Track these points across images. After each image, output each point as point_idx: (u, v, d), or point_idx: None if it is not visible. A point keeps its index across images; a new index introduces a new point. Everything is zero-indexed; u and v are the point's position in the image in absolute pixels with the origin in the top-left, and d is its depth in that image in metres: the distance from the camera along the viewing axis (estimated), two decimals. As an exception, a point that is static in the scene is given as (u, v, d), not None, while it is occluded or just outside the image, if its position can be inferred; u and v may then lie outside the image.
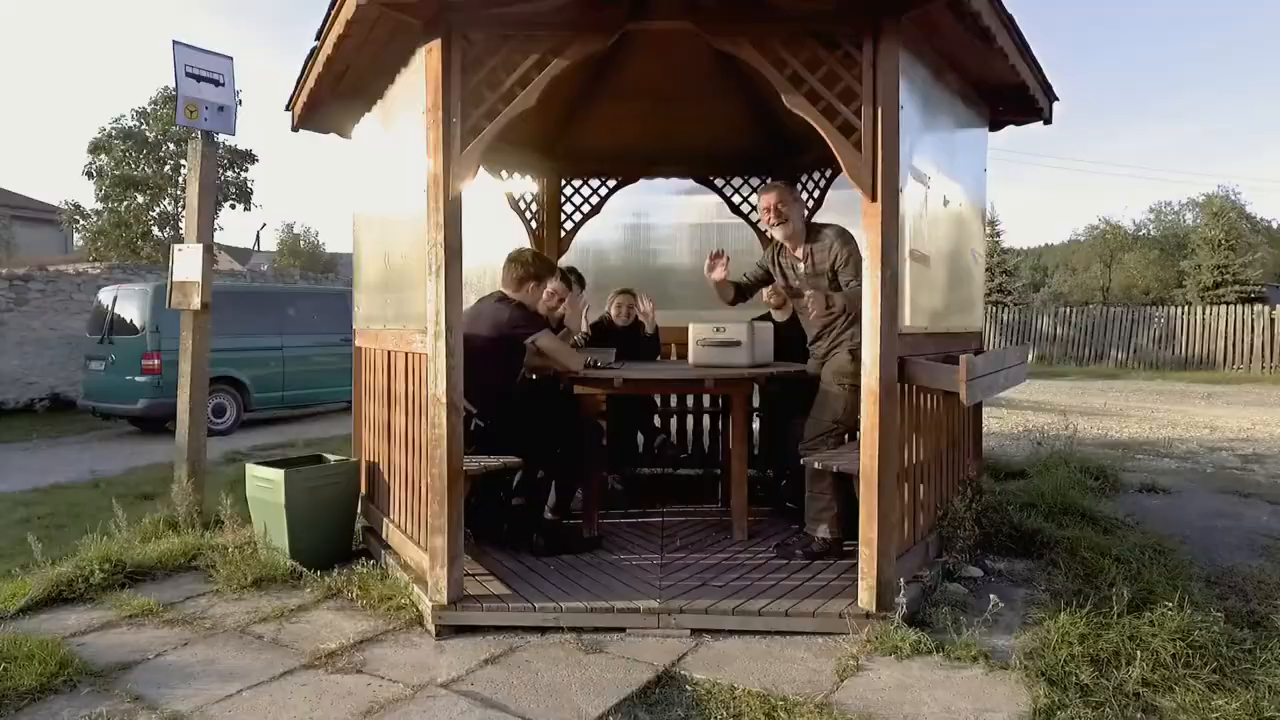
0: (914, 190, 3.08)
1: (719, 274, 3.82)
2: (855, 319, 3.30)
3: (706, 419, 5.06)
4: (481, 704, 2.43)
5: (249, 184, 17.54)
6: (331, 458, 4.11)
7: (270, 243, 29.61)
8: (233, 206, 17.00)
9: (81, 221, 16.19)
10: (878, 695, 2.44)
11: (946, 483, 3.66)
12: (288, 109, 4.16)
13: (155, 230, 15.73)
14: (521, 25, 2.82)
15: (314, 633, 2.99)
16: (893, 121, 2.79)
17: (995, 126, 4.37)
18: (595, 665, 2.66)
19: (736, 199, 5.33)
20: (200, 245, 4.66)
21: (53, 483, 6.98)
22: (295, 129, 4.29)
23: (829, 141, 2.85)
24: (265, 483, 3.62)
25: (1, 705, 2.48)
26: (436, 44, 2.79)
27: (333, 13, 2.99)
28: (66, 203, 16.50)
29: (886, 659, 2.66)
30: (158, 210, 15.91)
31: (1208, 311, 17.15)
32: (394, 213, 3.54)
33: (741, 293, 3.98)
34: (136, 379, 9.55)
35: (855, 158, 2.83)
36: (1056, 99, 4.07)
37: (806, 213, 4.73)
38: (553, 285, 3.96)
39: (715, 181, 5.34)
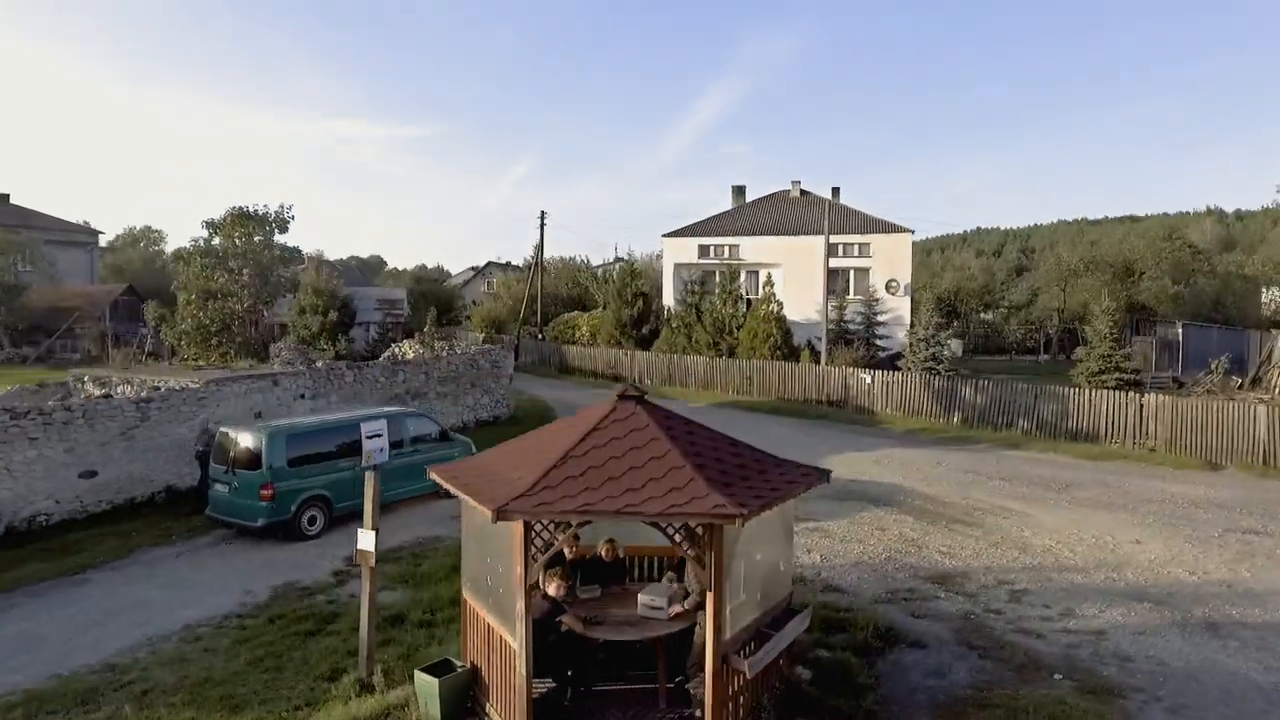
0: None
1: (675, 609, 7.31)
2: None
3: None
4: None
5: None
6: (457, 664, 7.67)
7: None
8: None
9: (169, 326, 19.50)
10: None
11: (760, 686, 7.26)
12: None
13: (232, 328, 19.24)
14: (553, 516, 6.37)
15: None
16: (720, 558, 6.35)
17: (809, 467, 7.91)
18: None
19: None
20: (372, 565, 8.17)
21: (227, 612, 10.54)
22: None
23: (693, 567, 6.42)
24: (427, 683, 7.22)
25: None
26: (520, 523, 6.35)
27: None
28: (154, 311, 19.77)
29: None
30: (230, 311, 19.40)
31: (1093, 394, 20.83)
32: (498, 550, 7.06)
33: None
34: (257, 504, 13.14)
35: (702, 574, 6.40)
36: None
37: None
38: (556, 583, 7.50)
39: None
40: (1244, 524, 13.71)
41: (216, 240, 19.96)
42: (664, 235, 39.28)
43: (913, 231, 35.80)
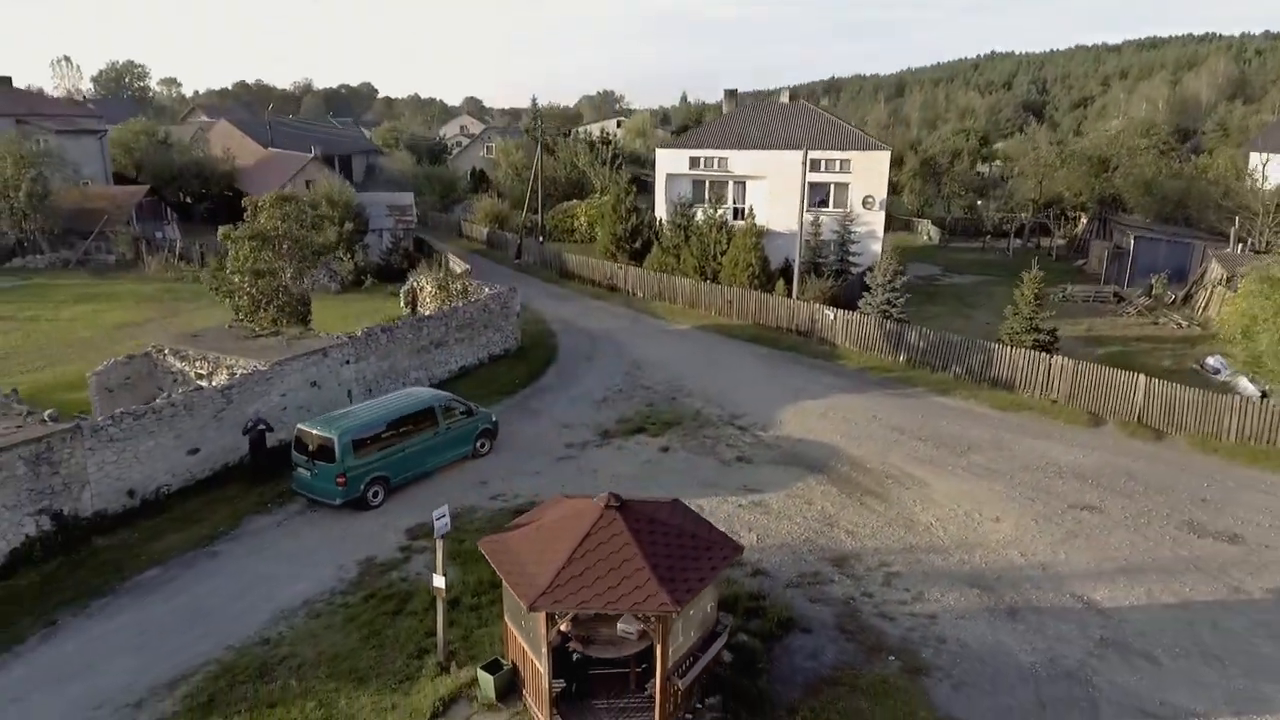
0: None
1: (639, 633, 11.50)
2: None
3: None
4: (561, 763, 10.53)
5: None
6: (504, 662, 11.95)
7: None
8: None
9: (231, 295, 22.69)
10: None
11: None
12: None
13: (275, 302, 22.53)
14: (562, 609, 10.37)
15: None
16: (666, 628, 10.42)
17: (732, 535, 11.89)
18: (587, 748, 10.74)
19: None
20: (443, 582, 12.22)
21: (332, 588, 14.84)
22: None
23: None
24: (485, 677, 11.55)
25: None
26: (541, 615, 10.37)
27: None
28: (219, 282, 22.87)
29: (659, 746, 10.75)
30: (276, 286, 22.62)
31: (1012, 351, 24.48)
32: (528, 615, 11.15)
33: None
34: (334, 488, 17.23)
35: (654, 633, 10.49)
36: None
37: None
38: (566, 622, 11.68)
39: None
40: (1087, 499, 17.89)
41: (262, 219, 22.84)
42: (658, 147, 41.10)
43: (889, 148, 37.79)
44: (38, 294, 35.73)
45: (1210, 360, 26.24)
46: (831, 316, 29.08)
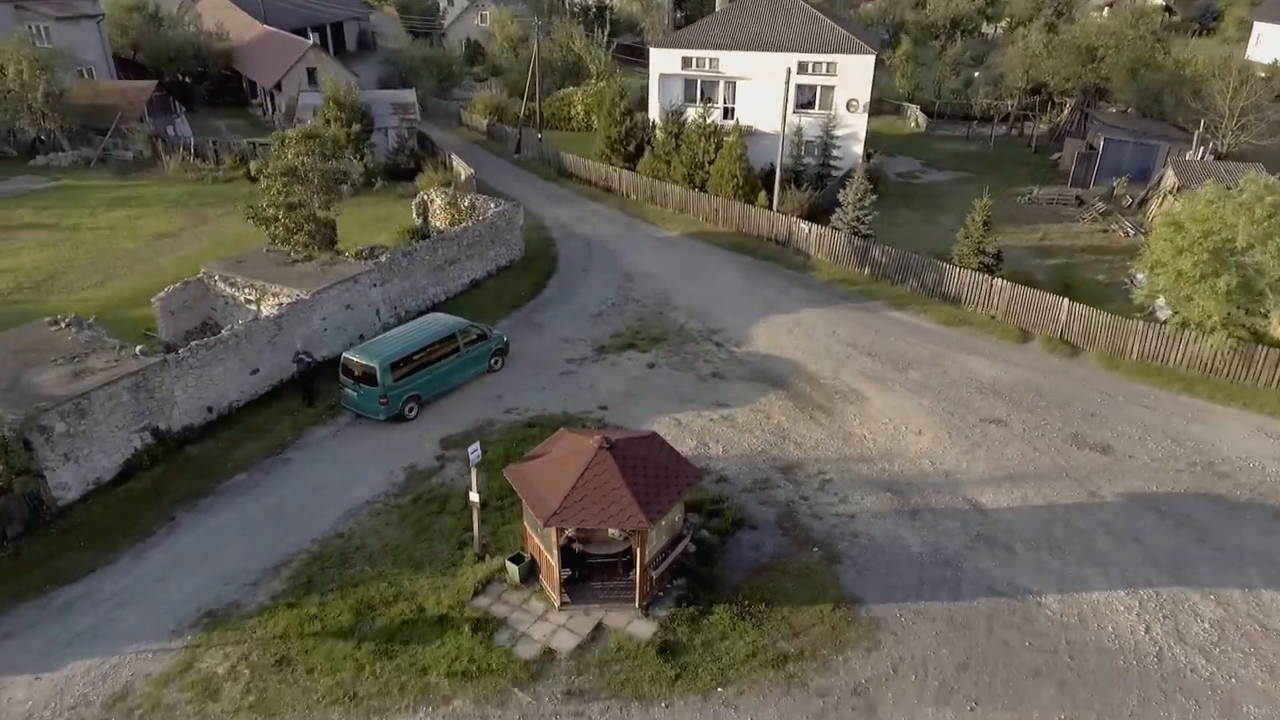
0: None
1: (623, 537, 15.49)
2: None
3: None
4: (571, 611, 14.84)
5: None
6: (524, 555, 16.03)
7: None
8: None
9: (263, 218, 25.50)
10: (633, 625, 14.85)
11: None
12: (501, 468, 15.51)
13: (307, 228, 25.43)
14: (568, 525, 14.27)
15: (530, 604, 15.29)
16: (644, 538, 14.38)
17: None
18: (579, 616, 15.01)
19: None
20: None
21: (385, 492, 18.83)
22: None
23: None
24: (511, 566, 15.69)
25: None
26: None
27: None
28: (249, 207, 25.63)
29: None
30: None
31: (960, 271, 27.61)
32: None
33: None
34: (378, 406, 20.97)
35: (635, 541, 14.47)
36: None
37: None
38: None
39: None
40: (997, 413, 21.65)
41: (289, 155, 25.37)
42: (651, 46, 42.10)
43: (874, 53, 39.01)
44: (71, 198, 38.18)
45: (1140, 276, 29.35)
46: (806, 230, 31.90)
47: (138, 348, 20.49)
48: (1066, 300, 25.21)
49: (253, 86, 57.60)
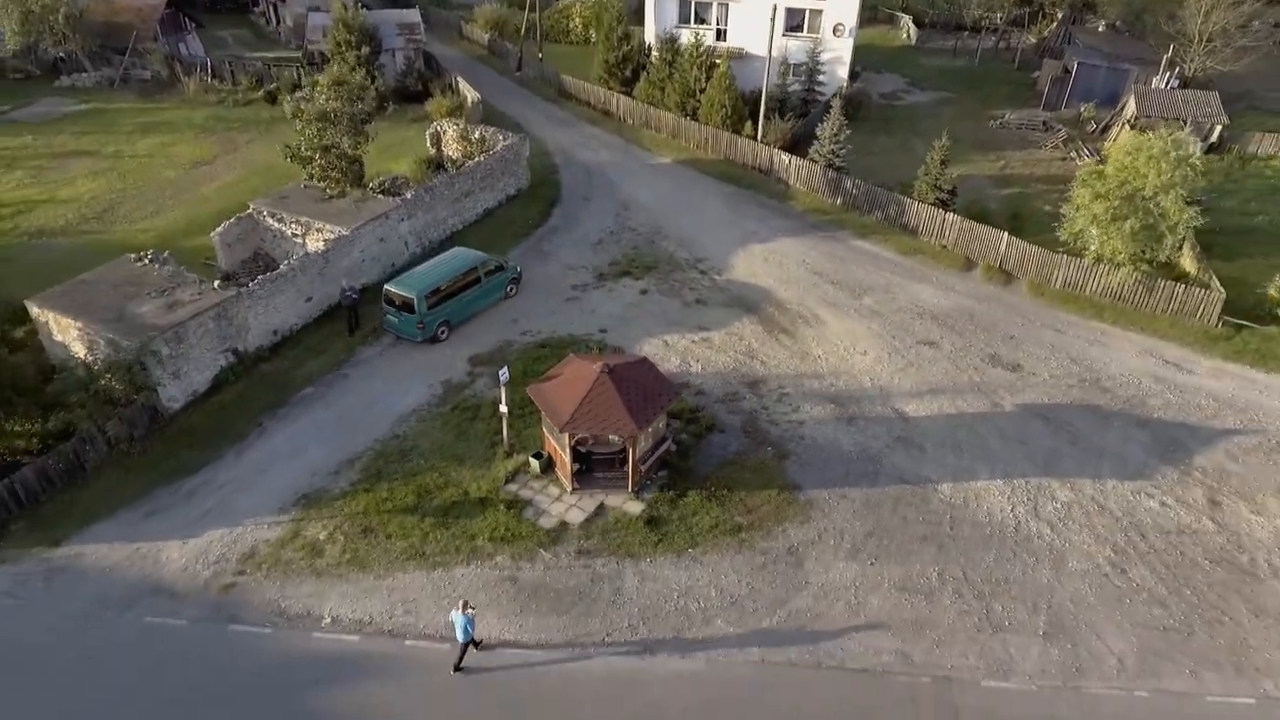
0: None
1: (620, 440, 20.04)
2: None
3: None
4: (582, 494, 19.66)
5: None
6: (544, 452, 20.62)
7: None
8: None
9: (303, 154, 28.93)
10: (627, 506, 19.69)
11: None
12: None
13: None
14: (578, 431, 18.81)
15: (549, 490, 20.05)
16: (635, 440, 18.94)
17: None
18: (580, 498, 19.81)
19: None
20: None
21: (428, 401, 23.30)
22: (525, 387, 20.11)
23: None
24: (533, 462, 20.34)
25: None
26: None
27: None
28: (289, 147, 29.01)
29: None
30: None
31: (919, 206, 31.27)
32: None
33: None
34: (415, 330, 25.23)
35: (630, 443, 19.05)
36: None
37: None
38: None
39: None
40: (931, 336, 25.91)
41: (321, 100, 28.61)
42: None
43: (861, -19, 41.05)
44: (104, 122, 41.10)
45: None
46: (787, 161, 35.25)
47: (215, 282, 24.58)
48: (1006, 234, 29.04)
49: (256, -6, 58.80)
